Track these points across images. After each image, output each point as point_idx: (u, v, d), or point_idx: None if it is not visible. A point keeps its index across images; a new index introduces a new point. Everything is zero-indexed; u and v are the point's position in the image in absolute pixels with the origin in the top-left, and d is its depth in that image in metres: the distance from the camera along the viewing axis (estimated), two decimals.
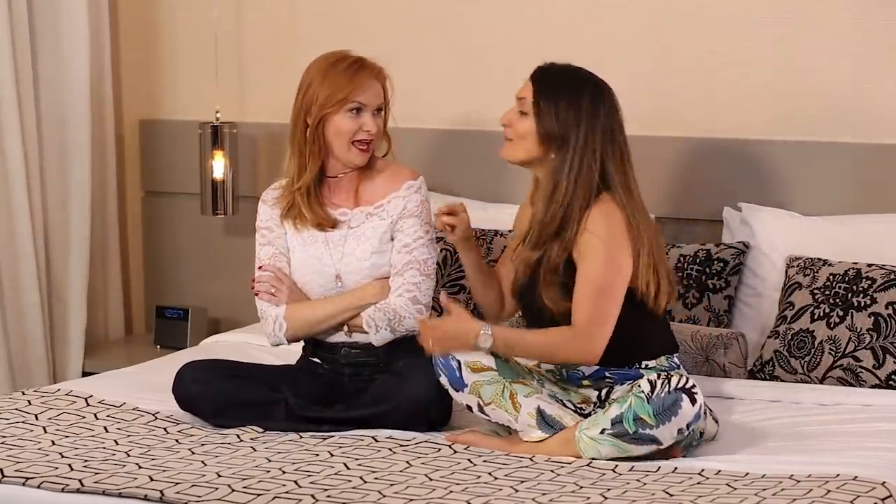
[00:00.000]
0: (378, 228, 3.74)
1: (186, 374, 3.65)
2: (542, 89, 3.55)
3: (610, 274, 3.45)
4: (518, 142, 3.57)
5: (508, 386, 3.44)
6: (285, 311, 3.72)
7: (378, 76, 3.76)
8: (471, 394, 3.46)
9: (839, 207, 4.31)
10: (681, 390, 3.32)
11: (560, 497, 3.04)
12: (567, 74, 3.58)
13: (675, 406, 3.31)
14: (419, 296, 3.70)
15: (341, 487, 3.09)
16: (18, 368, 4.81)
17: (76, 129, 4.92)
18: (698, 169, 4.46)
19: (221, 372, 3.66)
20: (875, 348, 3.89)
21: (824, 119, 4.38)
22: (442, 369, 3.48)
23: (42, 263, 4.86)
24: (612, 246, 3.46)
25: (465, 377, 3.46)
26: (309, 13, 4.97)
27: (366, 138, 3.72)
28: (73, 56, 4.90)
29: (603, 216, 3.47)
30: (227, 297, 5.08)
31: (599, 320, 3.44)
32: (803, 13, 4.37)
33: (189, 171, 5.08)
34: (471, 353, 3.47)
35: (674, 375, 3.36)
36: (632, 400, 3.33)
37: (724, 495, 3.05)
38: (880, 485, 3.09)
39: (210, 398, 3.59)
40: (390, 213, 3.74)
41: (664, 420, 3.31)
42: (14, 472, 3.17)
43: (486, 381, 3.45)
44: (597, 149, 3.50)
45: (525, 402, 3.43)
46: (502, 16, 4.71)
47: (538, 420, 3.41)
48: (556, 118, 3.51)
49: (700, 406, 3.34)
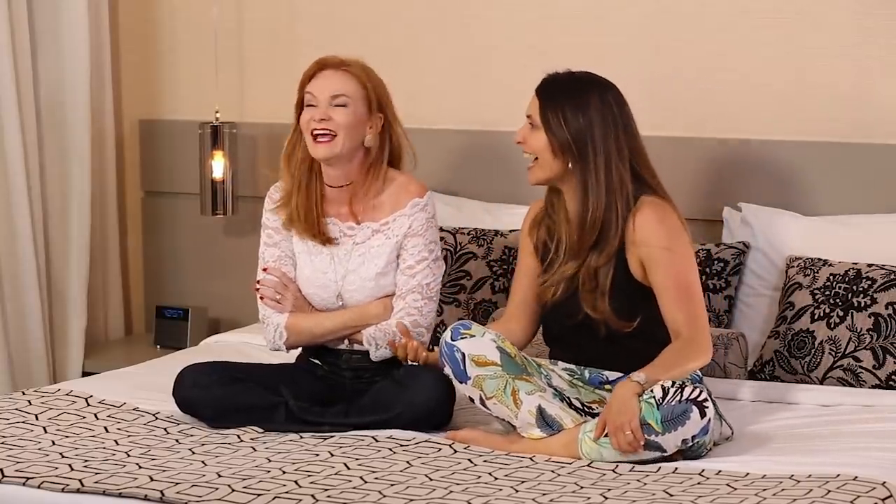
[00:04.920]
0: (384, 248, 3.70)
1: (186, 379, 3.64)
2: (547, 100, 3.54)
3: (684, 275, 3.48)
4: (540, 160, 3.55)
5: (511, 382, 3.44)
6: (287, 321, 3.71)
7: (338, 67, 3.69)
8: (473, 387, 3.46)
9: (839, 207, 4.31)
10: (692, 401, 3.31)
11: (560, 497, 3.04)
12: (569, 81, 3.57)
13: (684, 416, 3.30)
14: (420, 319, 3.69)
15: (341, 487, 3.09)
16: (18, 368, 4.81)
17: (76, 129, 4.92)
18: (698, 169, 4.46)
19: (221, 376, 3.64)
20: (875, 348, 3.89)
21: (825, 119, 4.37)
22: (446, 360, 3.48)
23: (42, 263, 4.86)
24: (676, 246, 3.47)
25: (468, 370, 3.46)
26: (309, 13, 4.97)
27: (317, 128, 3.65)
28: (73, 56, 4.89)
29: (653, 222, 3.48)
30: (227, 297, 5.08)
31: (696, 320, 3.46)
32: (804, 13, 4.37)
33: (189, 171, 5.08)
34: (476, 347, 3.47)
35: (688, 385, 3.34)
36: (641, 404, 3.32)
37: (724, 495, 3.04)
38: (880, 485, 3.09)
39: (210, 404, 3.59)
40: (396, 232, 3.70)
41: (671, 428, 3.30)
42: (14, 472, 3.17)
43: (490, 376, 3.45)
44: (621, 148, 3.51)
45: (527, 400, 3.42)
46: (503, 15, 4.71)
47: (538, 419, 3.41)
48: (566, 125, 3.50)
49: (709, 420, 3.33)
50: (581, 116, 3.50)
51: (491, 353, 3.46)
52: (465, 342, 3.48)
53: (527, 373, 3.49)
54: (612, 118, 3.52)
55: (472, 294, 4.32)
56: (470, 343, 3.47)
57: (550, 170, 3.54)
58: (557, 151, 3.52)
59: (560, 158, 3.52)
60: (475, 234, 4.40)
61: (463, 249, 4.37)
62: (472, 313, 4.29)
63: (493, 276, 4.32)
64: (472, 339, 3.48)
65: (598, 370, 3.57)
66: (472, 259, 4.35)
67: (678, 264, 3.48)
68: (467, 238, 4.40)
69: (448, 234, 4.40)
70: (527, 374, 3.48)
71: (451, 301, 4.31)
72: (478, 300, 4.30)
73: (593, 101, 3.51)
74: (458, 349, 3.47)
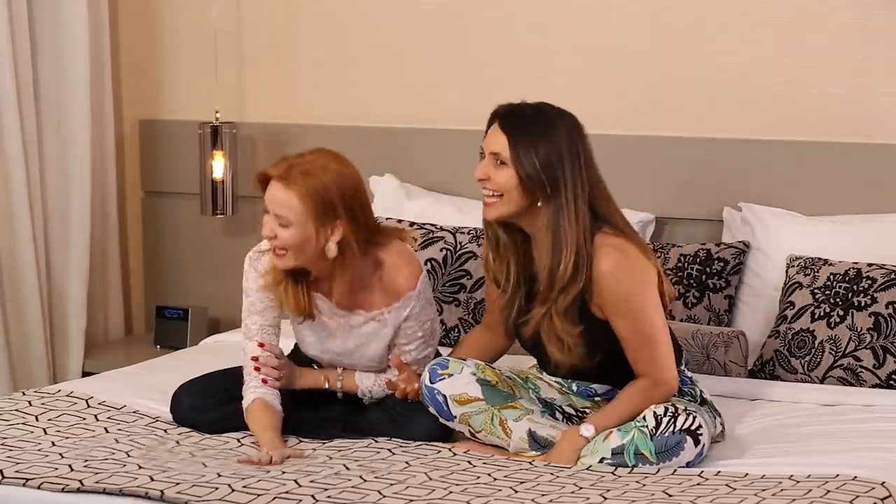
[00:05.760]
0: (382, 332, 3.55)
1: (183, 402, 3.60)
2: (516, 134, 3.35)
3: (648, 319, 3.36)
4: (506, 196, 3.36)
5: (497, 413, 3.40)
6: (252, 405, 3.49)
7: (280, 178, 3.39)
8: (461, 423, 3.43)
9: (839, 207, 4.31)
10: (685, 432, 3.29)
11: (559, 498, 3.04)
12: (535, 114, 3.39)
13: (678, 447, 3.28)
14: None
15: (341, 487, 3.09)
16: (18, 369, 4.81)
17: (76, 129, 4.92)
18: (698, 169, 4.46)
19: (218, 397, 3.58)
20: (875, 348, 3.89)
21: (824, 119, 4.37)
22: (429, 403, 3.44)
23: (42, 263, 4.86)
24: (636, 292, 3.35)
25: (452, 410, 3.42)
26: (309, 13, 4.97)
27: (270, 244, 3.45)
28: (73, 56, 4.89)
29: (613, 260, 3.33)
30: (227, 297, 5.07)
31: (662, 360, 3.38)
32: (804, 13, 4.37)
33: (189, 171, 5.08)
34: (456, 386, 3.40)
35: (681, 414, 3.30)
36: (635, 433, 3.30)
37: (723, 496, 3.04)
38: (880, 485, 3.09)
39: (207, 427, 3.56)
40: (393, 320, 3.55)
41: (665, 459, 3.28)
42: (14, 472, 3.16)
43: (475, 412, 3.41)
44: (584, 183, 3.35)
45: (516, 427, 3.39)
46: (503, 15, 4.71)
47: (530, 442, 3.39)
48: (538, 162, 3.33)
49: (704, 445, 3.30)
50: (552, 151, 3.33)
51: (472, 389, 3.41)
52: (445, 383, 3.42)
53: (512, 397, 3.44)
54: (577, 151, 3.36)
55: (471, 293, 4.32)
56: (449, 383, 3.42)
57: (516, 206, 3.36)
58: (527, 188, 3.33)
59: (528, 195, 3.35)
60: (475, 234, 4.40)
61: (463, 249, 4.37)
62: (471, 312, 4.29)
63: None
64: (451, 378, 3.43)
65: (586, 384, 3.53)
66: (472, 259, 4.35)
67: (637, 313, 3.35)
68: (467, 238, 4.40)
69: (448, 233, 4.40)
70: (512, 399, 3.43)
71: (451, 301, 4.31)
72: (478, 299, 4.30)
73: (561, 135, 3.35)
74: (438, 391, 3.42)
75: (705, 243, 4.29)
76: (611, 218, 3.41)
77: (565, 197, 3.33)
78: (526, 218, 3.40)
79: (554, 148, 3.33)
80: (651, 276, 3.39)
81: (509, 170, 3.35)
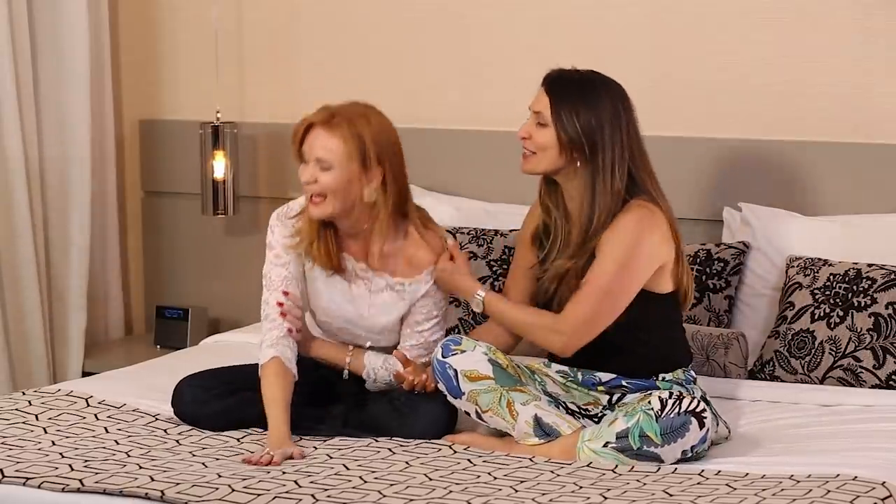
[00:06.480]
0: (398, 305, 3.62)
1: (185, 394, 3.61)
2: (559, 98, 3.50)
3: (622, 279, 3.44)
4: (540, 154, 3.51)
5: (506, 394, 3.43)
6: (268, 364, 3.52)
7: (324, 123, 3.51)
8: (468, 401, 3.46)
9: (839, 207, 4.31)
10: (690, 413, 3.31)
11: (560, 497, 3.04)
12: (581, 80, 3.53)
13: (683, 429, 3.30)
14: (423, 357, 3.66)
15: (341, 487, 3.09)
16: (18, 368, 4.81)
17: (76, 129, 4.92)
18: (698, 169, 4.46)
19: (220, 390, 3.60)
20: (875, 348, 3.89)
21: (825, 119, 4.38)
22: (439, 377, 3.47)
23: (42, 263, 4.86)
24: (634, 251, 3.43)
25: (462, 386, 3.45)
26: (309, 13, 4.97)
27: (308, 190, 3.52)
28: (73, 56, 4.89)
29: (636, 221, 3.44)
30: (227, 297, 5.08)
31: (593, 320, 3.44)
32: (804, 13, 4.37)
33: (189, 171, 5.08)
34: (468, 362, 3.45)
35: (685, 397, 3.34)
36: (640, 416, 3.31)
37: (723, 495, 3.04)
38: (880, 485, 3.09)
39: (209, 419, 3.57)
40: (410, 295, 3.62)
41: (670, 441, 3.30)
42: (14, 472, 3.17)
43: (484, 390, 3.44)
44: (624, 150, 3.47)
45: (522, 411, 3.42)
46: (503, 15, 4.71)
47: (535, 428, 3.41)
48: (579, 125, 3.46)
49: (707, 430, 3.33)
50: (593, 117, 3.46)
51: (483, 367, 3.45)
52: (457, 358, 3.46)
53: (520, 383, 3.47)
54: (620, 120, 3.49)
55: None
56: (461, 359, 3.46)
57: (552, 164, 3.52)
58: (566, 149, 3.49)
59: (566, 156, 3.49)
60: (475, 234, 4.40)
61: (463, 249, 4.36)
62: (472, 312, 4.28)
63: (493, 276, 4.32)
64: (463, 354, 3.47)
65: (591, 371, 3.56)
66: (472, 259, 4.35)
67: (620, 265, 3.42)
68: (467, 238, 4.40)
69: (448, 233, 4.40)
70: (520, 384, 3.47)
71: (451, 300, 4.31)
72: None
73: (604, 102, 3.48)
74: (449, 366, 3.46)
75: (705, 243, 4.29)
76: (650, 190, 3.51)
77: (603, 162, 3.46)
78: (566, 177, 3.53)
79: (595, 114, 3.47)
80: (656, 253, 3.47)
81: (550, 130, 3.50)
